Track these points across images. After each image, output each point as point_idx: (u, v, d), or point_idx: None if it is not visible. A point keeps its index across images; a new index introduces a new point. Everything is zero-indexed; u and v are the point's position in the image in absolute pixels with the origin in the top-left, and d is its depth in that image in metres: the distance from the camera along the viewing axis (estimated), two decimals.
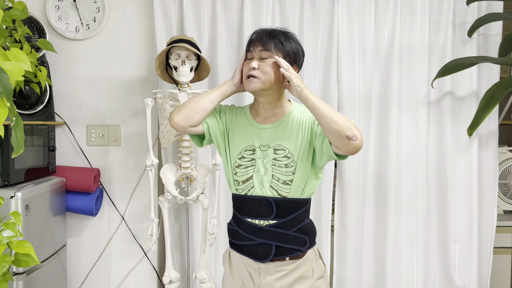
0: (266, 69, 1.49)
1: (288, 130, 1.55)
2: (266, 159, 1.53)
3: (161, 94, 2.20)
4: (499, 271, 2.67)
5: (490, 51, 2.50)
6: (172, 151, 2.48)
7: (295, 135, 1.54)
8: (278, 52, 1.49)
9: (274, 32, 1.52)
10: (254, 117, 1.60)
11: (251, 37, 1.54)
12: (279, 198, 1.52)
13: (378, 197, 2.52)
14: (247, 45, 1.55)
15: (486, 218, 2.55)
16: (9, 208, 1.87)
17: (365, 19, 2.47)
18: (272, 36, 1.51)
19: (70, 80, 2.47)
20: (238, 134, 1.59)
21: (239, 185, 1.57)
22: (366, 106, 2.50)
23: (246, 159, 1.56)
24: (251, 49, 1.52)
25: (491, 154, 2.54)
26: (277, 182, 1.52)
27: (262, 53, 1.49)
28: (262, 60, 1.50)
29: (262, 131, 1.56)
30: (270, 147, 1.54)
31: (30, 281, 1.97)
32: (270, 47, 1.49)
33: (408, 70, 2.48)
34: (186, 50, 2.13)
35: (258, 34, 1.52)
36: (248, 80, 1.50)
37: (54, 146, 2.34)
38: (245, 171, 1.55)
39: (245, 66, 1.53)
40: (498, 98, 2.13)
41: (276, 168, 1.52)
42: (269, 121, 1.57)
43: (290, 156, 1.52)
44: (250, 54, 1.53)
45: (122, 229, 2.49)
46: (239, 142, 1.58)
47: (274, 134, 1.55)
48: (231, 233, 1.63)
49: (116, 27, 2.47)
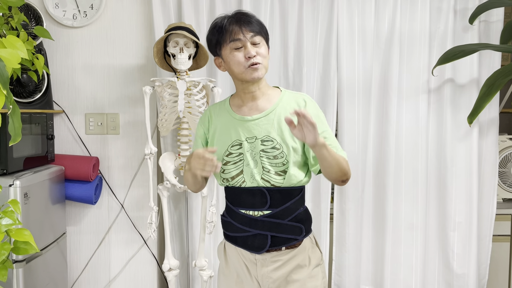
0: (264, 53, 1.48)
1: (276, 121, 1.49)
2: (254, 151, 1.49)
3: (159, 82, 2.18)
4: (497, 259, 2.68)
5: (491, 38, 2.47)
6: (171, 139, 2.47)
7: (284, 126, 1.48)
8: (263, 33, 1.48)
9: (246, 14, 1.49)
10: (237, 110, 1.54)
11: (226, 26, 1.45)
12: (273, 187, 1.49)
13: (378, 185, 2.52)
14: (227, 35, 1.45)
15: (485, 206, 2.55)
16: (8, 196, 1.87)
17: (365, 6, 2.45)
18: (249, 18, 1.47)
19: (68, 68, 2.46)
20: (221, 133, 1.54)
21: (228, 181, 1.53)
22: (366, 94, 2.49)
23: (233, 154, 1.51)
24: (241, 37, 1.44)
25: (491, 142, 2.53)
26: (268, 173, 1.48)
27: (254, 38, 1.46)
28: (256, 46, 1.46)
29: (248, 123, 1.50)
30: (258, 138, 1.49)
31: (30, 269, 1.98)
32: (258, 29, 1.46)
33: (408, 57, 2.46)
34: (184, 38, 2.11)
35: (238, 20, 1.45)
36: (252, 68, 1.45)
37: (52, 135, 2.33)
38: (234, 167, 1.51)
39: (236, 55, 1.46)
40: (498, 85, 2.12)
41: (265, 160, 1.48)
42: (256, 111, 1.52)
43: (279, 148, 1.48)
44: (239, 42, 1.45)
45: (122, 218, 2.50)
46: (225, 140, 1.53)
47: (262, 125, 1.49)
48: (225, 225, 1.60)
49: (114, 14, 2.44)
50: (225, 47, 1.48)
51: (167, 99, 2.16)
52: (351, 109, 2.49)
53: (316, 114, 1.52)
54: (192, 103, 2.17)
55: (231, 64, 1.49)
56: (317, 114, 1.53)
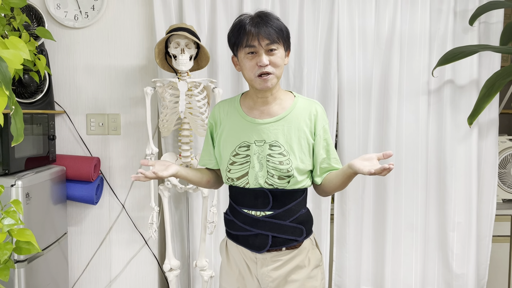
0: (278, 62, 1.45)
1: (287, 128, 1.50)
2: (261, 154, 1.49)
3: (160, 83, 2.19)
4: (497, 260, 2.69)
5: (491, 40, 2.48)
6: (172, 140, 2.48)
7: (294, 134, 1.50)
8: (281, 39, 1.45)
9: (266, 17, 1.44)
10: (248, 112, 1.54)
11: (246, 28, 1.42)
12: (275, 189, 1.50)
13: (378, 186, 2.53)
14: (244, 38, 1.42)
15: (485, 207, 2.56)
16: (10, 197, 1.87)
17: (365, 7, 2.46)
18: (270, 22, 1.43)
19: (69, 69, 2.47)
20: (229, 133, 1.55)
21: (233, 181, 1.54)
22: (366, 95, 2.50)
23: (240, 155, 1.52)
24: (255, 44, 1.41)
25: (491, 143, 2.54)
26: (272, 178, 1.49)
27: (270, 46, 1.43)
28: (271, 53, 1.44)
29: (258, 126, 1.51)
30: (266, 142, 1.50)
31: (31, 269, 1.99)
32: (275, 37, 1.42)
33: (408, 58, 2.47)
34: (185, 39, 2.12)
35: (257, 24, 1.41)
36: (261, 78, 1.44)
37: (54, 135, 2.34)
38: (239, 168, 1.52)
39: (249, 61, 1.44)
40: (498, 87, 2.13)
41: (270, 164, 1.48)
42: (268, 115, 1.52)
43: (285, 154, 1.49)
44: (253, 49, 1.42)
45: (123, 218, 2.51)
46: (233, 140, 1.53)
47: (272, 130, 1.50)
48: (227, 223, 1.62)
49: (115, 15, 2.45)
50: (241, 50, 1.46)
51: (168, 100, 2.17)
52: (351, 109, 2.49)
53: (322, 126, 1.54)
54: (193, 104, 2.17)
55: (243, 68, 1.49)
56: (324, 126, 1.55)
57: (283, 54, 1.49)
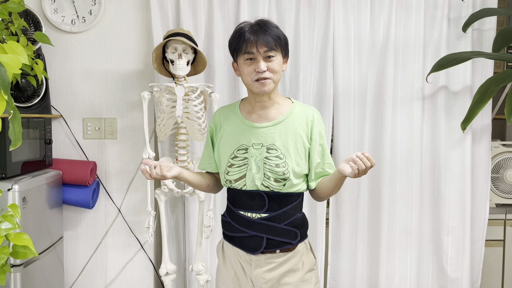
0: (275, 68, 1.50)
1: (284, 132, 1.54)
2: (259, 157, 1.53)
3: (157, 87, 2.20)
4: (490, 264, 2.71)
5: (484, 46, 2.52)
6: (169, 144, 2.49)
7: (291, 138, 1.54)
8: (279, 46, 1.50)
9: (265, 25, 1.50)
10: (247, 116, 1.59)
11: (245, 36, 1.48)
12: (271, 192, 1.54)
13: (373, 190, 2.55)
14: (243, 45, 1.48)
15: (478, 211, 2.59)
16: (6, 201, 1.87)
17: (361, 14, 2.48)
18: (268, 30, 1.49)
19: (66, 73, 2.47)
20: (228, 136, 1.59)
21: (231, 183, 1.58)
22: (361, 101, 2.52)
23: (238, 158, 1.56)
24: (254, 51, 1.47)
25: (484, 148, 2.57)
26: (268, 180, 1.53)
27: (268, 53, 1.48)
28: (269, 59, 1.49)
29: (256, 129, 1.56)
30: (264, 145, 1.54)
31: (27, 273, 1.99)
32: (273, 44, 1.48)
33: (403, 64, 2.50)
34: (182, 44, 2.13)
35: (256, 32, 1.47)
36: (259, 82, 1.49)
37: (50, 139, 2.34)
38: (238, 170, 1.56)
39: (247, 67, 1.50)
40: (491, 92, 2.16)
41: (267, 167, 1.52)
42: (265, 119, 1.57)
43: (282, 157, 1.53)
44: (252, 55, 1.48)
45: (119, 222, 2.51)
46: (231, 143, 1.58)
47: (269, 133, 1.54)
48: (224, 224, 1.65)
49: (112, 20, 2.46)
50: (240, 56, 1.52)
51: (165, 105, 2.18)
52: (346, 115, 2.52)
53: (319, 132, 1.58)
54: (190, 109, 2.19)
55: (242, 74, 1.54)
56: (320, 131, 1.59)
57: (281, 60, 1.54)
